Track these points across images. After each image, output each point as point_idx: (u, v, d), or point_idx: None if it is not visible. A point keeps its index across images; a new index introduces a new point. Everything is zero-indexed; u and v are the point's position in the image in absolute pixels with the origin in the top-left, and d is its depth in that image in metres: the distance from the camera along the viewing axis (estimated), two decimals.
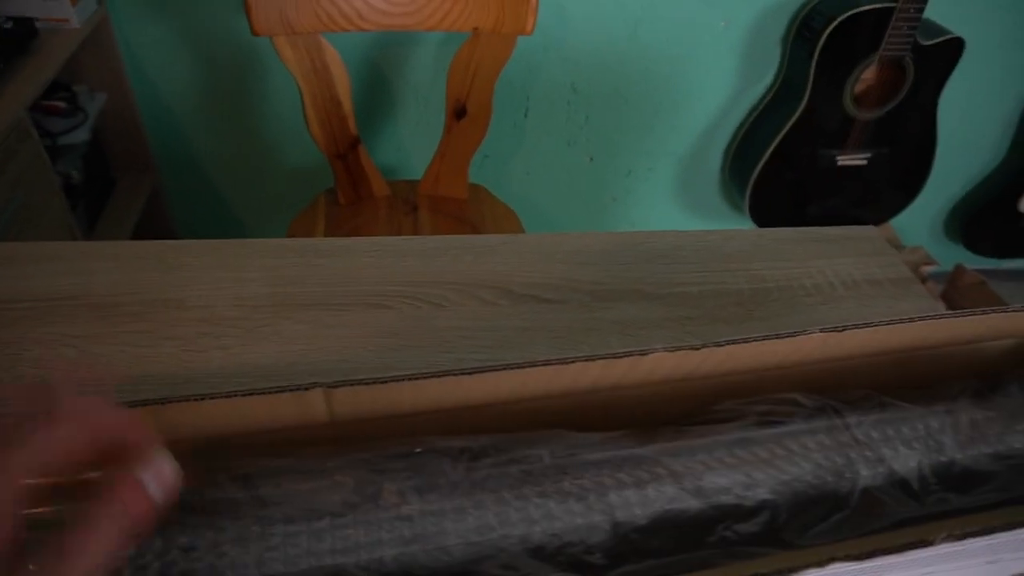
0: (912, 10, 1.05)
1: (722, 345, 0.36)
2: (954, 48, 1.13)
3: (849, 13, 1.06)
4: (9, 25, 0.91)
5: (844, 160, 1.24)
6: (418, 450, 0.34)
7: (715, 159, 1.38)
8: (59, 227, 0.98)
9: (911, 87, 1.15)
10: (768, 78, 1.25)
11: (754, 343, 0.36)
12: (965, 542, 0.32)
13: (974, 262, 1.60)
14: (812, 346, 0.38)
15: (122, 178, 1.19)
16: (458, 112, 1.06)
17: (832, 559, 0.29)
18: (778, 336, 0.37)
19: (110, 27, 1.07)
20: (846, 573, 0.30)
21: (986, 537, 0.32)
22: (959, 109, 1.31)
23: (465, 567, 0.32)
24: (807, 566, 0.29)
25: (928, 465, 0.38)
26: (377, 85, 1.18)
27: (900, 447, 0.38)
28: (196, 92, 1.17)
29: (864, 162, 1.25)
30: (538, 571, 0.30)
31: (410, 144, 1.25)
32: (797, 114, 1.17)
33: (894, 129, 1.21)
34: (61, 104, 1.06)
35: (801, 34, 1.15)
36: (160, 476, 0.24)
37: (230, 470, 0.33)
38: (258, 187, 1.29)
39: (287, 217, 1.10)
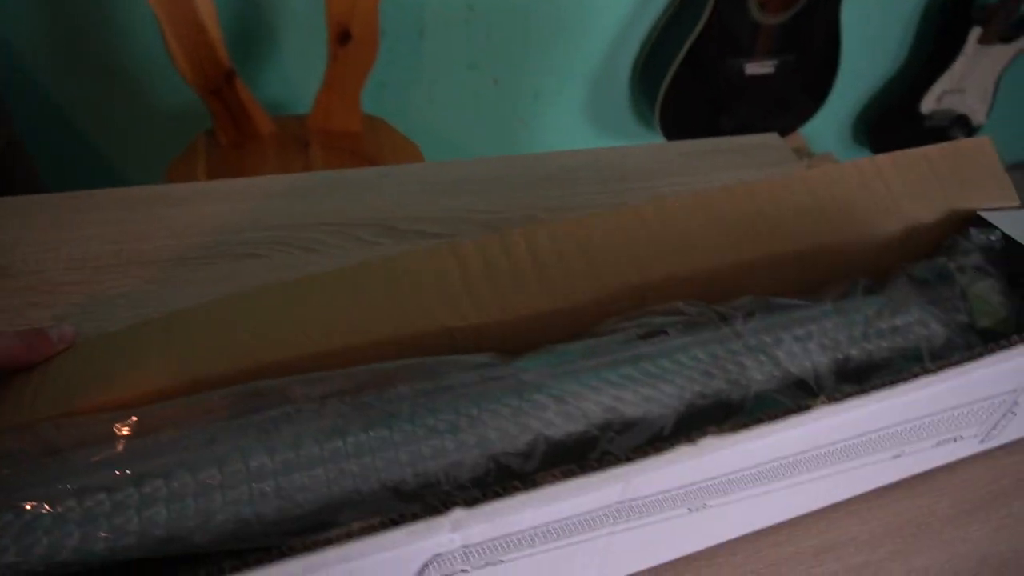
0: None
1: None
2: None
3: None
4: None
5: (752, 68, 1.21)
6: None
7: (624, 76, 1.34)
8: None
9: None
10: None
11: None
12: (845, 405, 0.30)
13: None
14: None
15: None
16: (342, 36, 0.97)
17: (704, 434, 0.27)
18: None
19: None
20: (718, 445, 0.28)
21: (866, 398, 0.30)
22: (862, 11, 1.30)
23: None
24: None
25: (824, 363, 0.36)
26: (250, 9, 1.07)
27: (795, 349, 0.36)
28: (47, 29, 1.04)
29: (772, 70, 1.22)
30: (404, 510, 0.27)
31: (296, 75, 1.15)
32: (702, 22, 1.13)
33: (799, 34, 1.18)
34: None
35: None
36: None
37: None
38: (132, 132, 1.17)
39: (167, 162, 1.00)
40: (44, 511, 0.25)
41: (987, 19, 1.32)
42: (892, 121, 1.50)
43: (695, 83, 1.22)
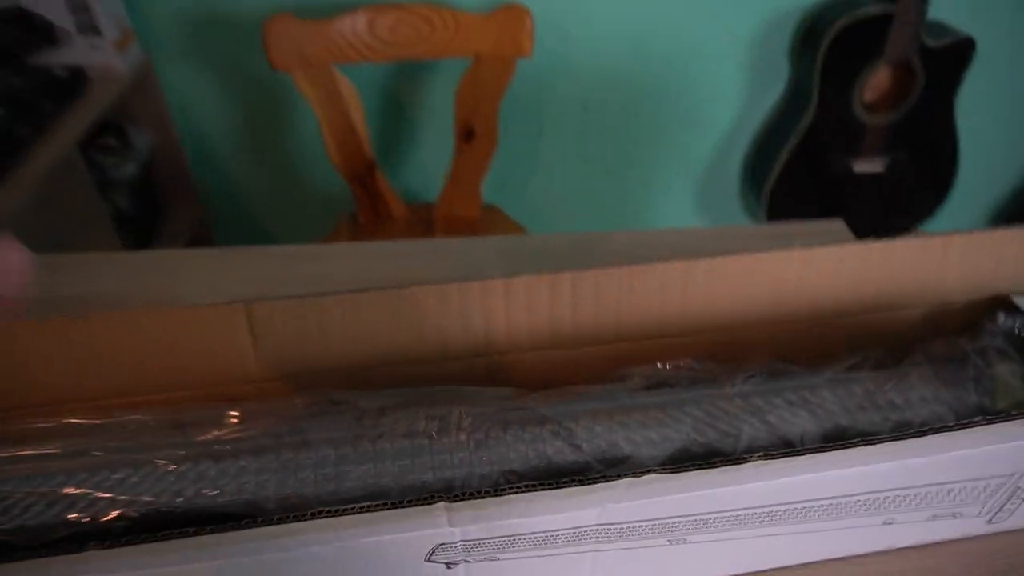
0: (913, 13, 1.04)
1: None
2: (964, 48, 1.11)
3: (849, 18, 1.07)
4: (63, 75, 1.02)
5: (861, 167, 1.23)
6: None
7: (733, 169, 1.39)
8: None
9: (923, 90, 1.14)
10: (779, 88, 1.26)
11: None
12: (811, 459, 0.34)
13: None
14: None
15: (169, 207, 1.30)
16: (466, 134, 1.12)
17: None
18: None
19: (153, 71, 1.18)
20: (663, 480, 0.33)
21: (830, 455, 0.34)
22: (984, 108, 1.28)
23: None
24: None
25: (812, 430, 0.40)
26: (392, 112, 1.26)
27: (786, 414, 0.40)
28: (231, 127, 1.27)
29: (882, 168, 1.23)
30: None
31: (428, 167, 1.31)
32: (806, 122, 1.17)
33: (910, 133, 1.19)
34: (112, 142, 1.17)
35: (805, 42, 1.16)
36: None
37: None
38: (292, 213, 1.38)
39: (320, 240, 1.18)
40: (170, 468, 0.35)
41: None
42: None
43: (802, 179, 1.25)
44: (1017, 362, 0.42)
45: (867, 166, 1.23)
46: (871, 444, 0.36)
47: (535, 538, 0.35)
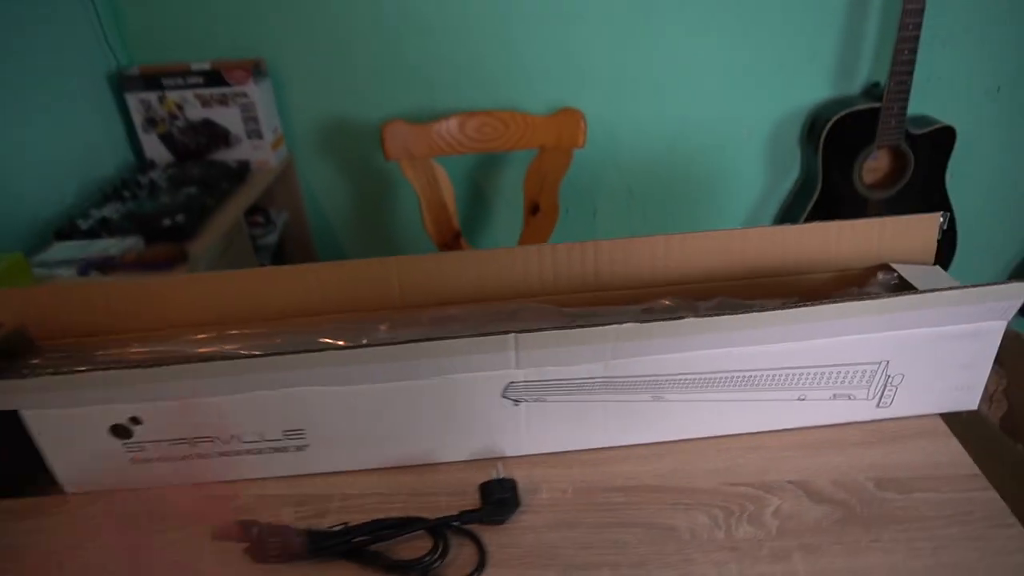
0: (895, 108, 1.29)
1: None
2: (946, 135, 1.34)
3: (841, 114, 1.32)
4: (235, 166, 1.37)
5: None
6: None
7: None
8: None
9: (914, 170, 1.36)
10: (793, 174, 1.51)
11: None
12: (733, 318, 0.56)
13: None
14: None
15: None
16: (533, 209, 1.41)
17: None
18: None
19: (294, 165, 1.53)
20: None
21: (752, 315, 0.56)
22: (975, 190, 1.49)
23: None
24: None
25: None
26: (475, 193, 1.57)
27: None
28: (348, 207, 1.61)
29: None
30: None
31: (502, 238, 1.60)
32: (814, 200, 1.41)
33: (906, 208, 1.41)
34: (259, 219, 1.51)
35: (809, 135, 1.42)
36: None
37: None
38: None
39: None
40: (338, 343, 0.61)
41: None
42: None
43: None
44: None
45: None
46: (781, 323, 0.57)
47: (567, 385, 0.58)
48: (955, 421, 0.63)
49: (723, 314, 0.56)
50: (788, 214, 1.51)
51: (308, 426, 0.59)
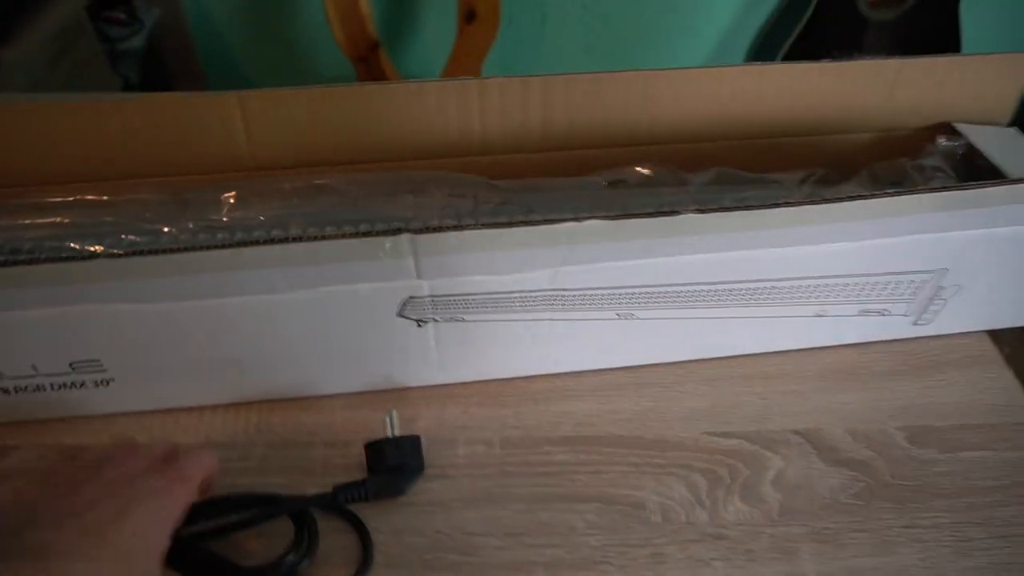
0: None
1: None
2: None
3: None
4: None
5: None
6: None
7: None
8: None
9: None
10: None
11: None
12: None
13: None
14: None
15: (176, 82, 1.32)
16: (468, 15, 1.13)
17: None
18: None
19: None
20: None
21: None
22: (988, 8, 1.27)
23: None
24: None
25: None
26: None
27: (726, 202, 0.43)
28: (236, 4, 1.28)
29: None
30: None
31: (430, 49, 1.32)
32: (806, 18, 1.17)
33: (913, 32, 1.19)
34: (120, 15, 1.18)
35: None
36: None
37: None
38: None
39: None
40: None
41: None
42: None
43: None
44: (951, 178, 0.45)
45: None
46: (795, 223, 0.39)
47: (496, 299, 0.39)
48: (1001, 343, 0.48)
49: (729, 207, 0.36)
50: (774, 33, 1.27)
51: (105, 356, 0.39)
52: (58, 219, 0.43)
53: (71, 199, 0.43)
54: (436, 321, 0.40)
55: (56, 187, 0.43)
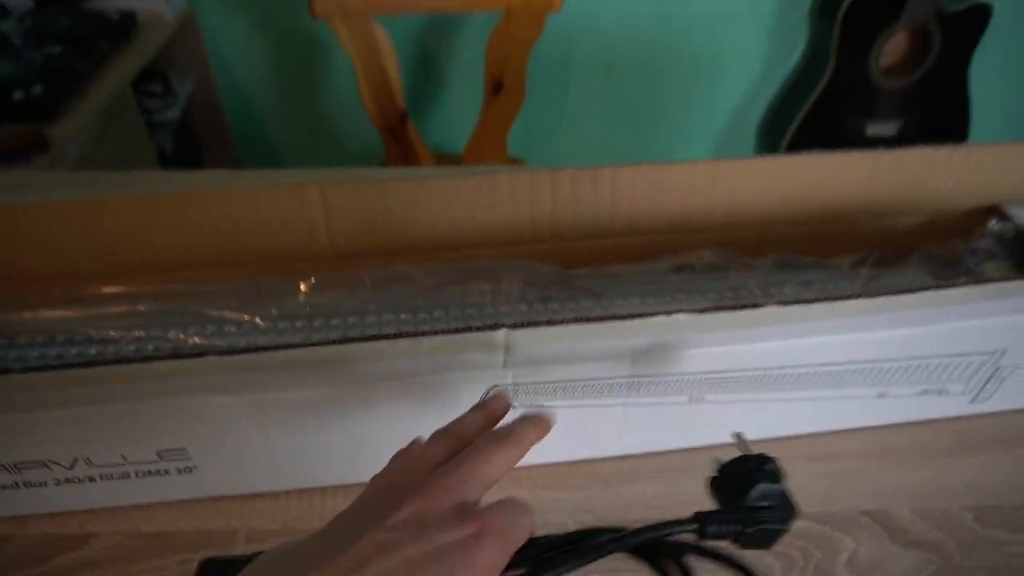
0: None
1: None
2: (980, 14, 1.15)
3: None
4: (116, 17, 1.07)
5: (873, 129, 1.27)
6: None
7: (750, 133, 1.43)
8: None
9: (938, 55, 1.17)
10: (797, 53, 1.30)
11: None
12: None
13: None
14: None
15: (207, 151, 1.36)
16: (495, 87, 1.17)
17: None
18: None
19: (196, 20, 1.23)
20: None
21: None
22: (992, 69, 1.31)
23: None
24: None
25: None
26: (424, 64, 1.30)
27: (788, 289, 0.45)
28: (268, 76, 1.32)
29: (894, 132, 1.27)
30: None
31: (457, 120, 1.36)
32: (823, 84, 1.21)
33: (924, 98, 1.23)
34: (156, 88, 1.22)
35: (823, 6, 1.20)
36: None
37: None
38: (323, 163, 1.44)
39: None
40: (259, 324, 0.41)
41: None
42: None
43: (814, 143, 1.29)
44: (1004, 260, 0.47)
45: (880, 129, 1.26)
46: (867, 313, 0.40)
47: (575, 386, 0.41)
48: None
49: (809, 299, 0.38)
50: (788, 101, 1.31)
51: (191, 444, 0.40)
52: (142, 308, 0.44)
53: (158, 287, 0.45)
54: (514, 408, 0.41)
55: (142, 274, 0.45)
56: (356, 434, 0.40)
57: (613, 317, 0.36)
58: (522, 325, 0.36)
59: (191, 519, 0.42)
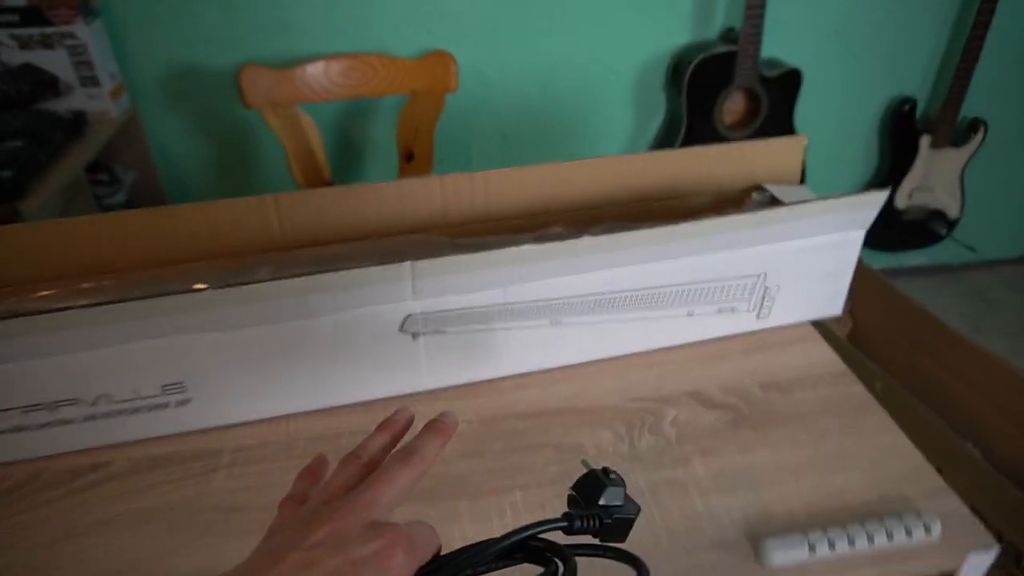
0: (750, 51, 1.36)
1: None
2: (793, 77, 1.44)
3: (702, 57, 1.38)
4: (69, 116, 1.23)
5: None
6: None
7: None
8: None
9: (767, 111, 1.45)
10: (659, 119, 1.56)
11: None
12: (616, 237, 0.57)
13: (875, 259, 1.86)
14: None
15: None
16: (408, 157, 1.37)
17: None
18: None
19: (139, 118, 1.39)
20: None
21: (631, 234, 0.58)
22: (821, 128, 1.61)
23: None
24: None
25: None
26: (346, 141, 1.50)
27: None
28: (206, 161, 1.49)
29: None
30: None
31: None
32: (680, 140, 1.46)
33: None
34: (104, 177, 1.37)
35: (673, 78, 1.47)
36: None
37: None
38: None
39: None
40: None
41: (933, 129, 1.60)
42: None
43: None
44: None
45: None
46: (668, 240, 0.59)
47: (466, 314, 0.57)
48: (819, 327, 0.68)
49: (615, 232, 0.56)
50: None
51: (188, 378, 0.54)
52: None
53: (130, 276, 0.59)
54: (426, 334, 0.57)
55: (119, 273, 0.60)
56: (305, 368, 0.55)
57: (482, 248, 0.53)
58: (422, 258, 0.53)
59: (188, 444, 0.56)
